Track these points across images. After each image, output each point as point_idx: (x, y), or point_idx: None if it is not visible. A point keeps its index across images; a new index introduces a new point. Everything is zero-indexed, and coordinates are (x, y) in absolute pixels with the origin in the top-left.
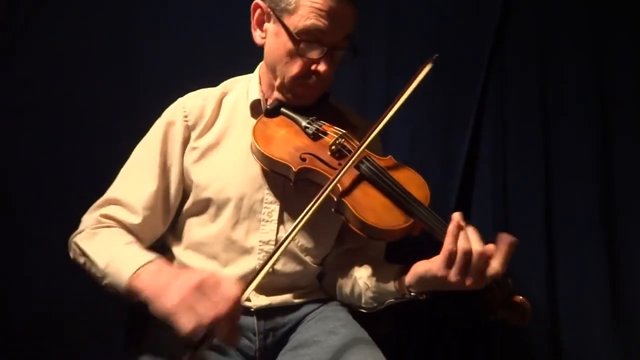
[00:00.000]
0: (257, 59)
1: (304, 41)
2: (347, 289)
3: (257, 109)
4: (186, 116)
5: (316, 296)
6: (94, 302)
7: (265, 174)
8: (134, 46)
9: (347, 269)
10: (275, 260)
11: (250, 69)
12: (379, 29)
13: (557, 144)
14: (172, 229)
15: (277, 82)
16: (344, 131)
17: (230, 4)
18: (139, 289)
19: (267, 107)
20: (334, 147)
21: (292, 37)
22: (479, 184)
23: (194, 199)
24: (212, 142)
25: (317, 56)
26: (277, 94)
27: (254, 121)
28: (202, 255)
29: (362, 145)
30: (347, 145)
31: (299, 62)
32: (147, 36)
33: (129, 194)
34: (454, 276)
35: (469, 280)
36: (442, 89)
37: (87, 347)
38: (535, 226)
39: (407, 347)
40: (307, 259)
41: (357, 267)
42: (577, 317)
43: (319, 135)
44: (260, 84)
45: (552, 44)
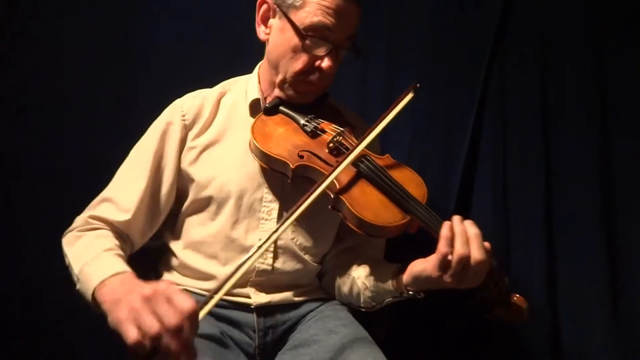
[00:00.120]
0: (256, 59)
1: (311, 37)
2: (345, 288)
3: (256, 108)
4: (184, 115)
5: (316, 295)
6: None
7: (264, 172)
8: (134, 46)
9: (345, 268)
10: (258, 256)
11: (250, 70)
12: (379, 31)
13: (557, 143)
14: (172, 229)
15: (278, 78)
16: (342, 129)
17: (230, 5)
18: (100, 300)
19: (266, 106)
20: (331, 145)
21: (299, 32)
22: (479, 184)
23: (193, 197)
24: (211, 141)
25: (323, 53)
26: (277, 92)
27: (252, 120)
28: (201, 254)
29: (360, 142)
30: (344, 143)
31: (304, 58)
32: (147, 36)
33: (121, 192)
34: (448, 278)
35: (465, 280)
36: (442, 89)
37: (86, 344)
38: (535, 226)
39: (407, 348)
40: (307, 257)
41: (355, 267)
42: (577, 317)
43: (317, 133)
44: (259, 83)
45: (552, 44)
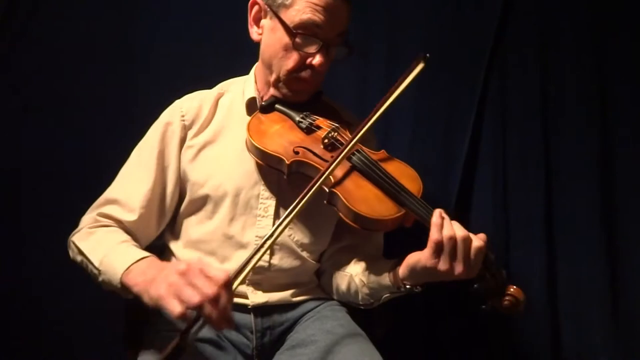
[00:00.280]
0: (256, 60)
1: (300, 35)
2: (343, 286)
3: (253, 107)
4: (183, 116)
5: (314, 295)
6: (93, 300)
7: (260, 169)
8: (135, 47)
9: (343, 266)
10: (267, 248)
11: (249, 71)
12: (379, 31)
13: (557, 143)
14: (171, 229)
15: (272, 77)
16: (337, 125)
17: (230, 5)
18: (130, 285)
19: (262, 104)
20: (326, 141)
21: (289, 30)
22: (479, 184)
23: (190, 197)
24: (208, 140)
25: (313, 50)
26: (272, 90)
27: (249, 119)
28: (200, 252)
29: (354, 137)
30: (339, 138)
31: (295, 56)
32: (147, 37)
33: (126, 193)
34: (442, 264)
35: (458, 267)
36: (442, 89)
37: (86, 344)
38: (535, 226)
39: (405, 348)
40: (305, 255)
41: (353, 264)
42: (577, 317)
43: (312, 129)
44: (255, 83)
45: (552, 44)
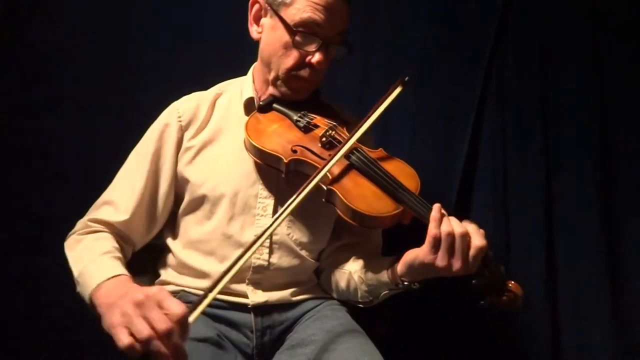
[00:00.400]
0: (255, 61)
1: (300, 33)
2: (342, 284)
3: (251, 107)
4: (180, 117)
5: (314, 294)
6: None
7: (258, 169)
8: (135, 47)
9: (342, 264)
10: (251, 254)
11: (246, 72)
12: (379, 31)
13: (557, 144)
14: (171, 229)
15: (271, 76)
16: (334, 123)
17: (230, 6)
18: (96, 304)
19: (260, 103)
20: (324, 139)
21: (289, 28)
22: (479, 184)
23: (189, 197)
24: (207, 140)
25: (313, 49)
26: (271, 89)
27: (247, 119)
28: (199, 252)
29: (352, 135)
30: (337, 136)
31: (295, 54)
32: (147, 37)
33: (120, 194)
34: (440, 260)
35: (457, 263)
36: (442, 89)
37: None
38: (535, 226)
39: (406, 348)
40: (303, 253)
41: (351, 262)
42: (577, 317)
43: (310, 127)
44: (253, 83)
45: (552, 44)
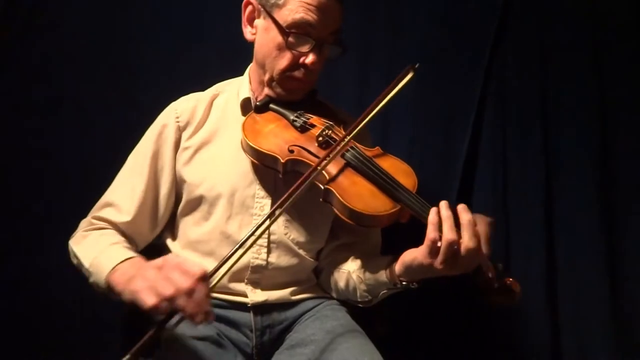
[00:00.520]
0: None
1: (293, 34)
2: (342, 284)
3: (247, 107)
4: (178, 117)
5: (313, 293)
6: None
7: (255, 169)
8: (135, 48)
9: (341, 263)
10: (252, 243)
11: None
12: (379, 31)
13: (557, 144)
14: (170, 230)
15: (266, 77)
16: (331, 123)
17: (230, 6)
18: (113, 285)
19: (257, 104)
20: (320, 139)
21: (282, 30)
22: (479, 184)
23: (187, 197)
24: (204, 141)
25: (307, 49)
26: (267, 90)
27: (244, 119)
28: (198, 253)
29: (348, 134)
30: (333, 136)
31: (288, 55)
32: (147, 38)
33: (121, 195)
34: (439, 264)
35: (455, 265)
36: (442, 89)
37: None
38: (535, 227)
39: (406, 348)
40: (302, 253)
41: (350, 261)
42: (577, 317)
43: (307, 127)
44: (250, 84)
45: (552, 44)
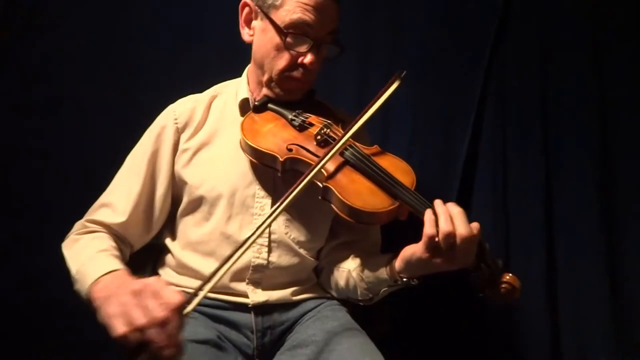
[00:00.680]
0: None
1: (291, 34)
2: (342, 282)
3: (246, 108)
4: (176, 119)
5: (314, 293)
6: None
7: (255, 169)
8: (135, 48)
9: (341, 262)
10: (251, 242)
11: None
12: (379, 31)
13: (557, 144)
14: (170, 230)
15: (265, 77)
16: (329, 121)
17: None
18: (93, 297)
19: (255, 104)
20: (319, 137)
21: (280, 30)
22: (479, 184)
23: (187, 198)
24: (203, 142)
25: (304, 49)
26: (265, 90)
27: (242, 120)
28: (198, 253)
29: (346, 132)
30: (332, 134)
31: (286, 56)
32: (147, 38)
33: (117, 196)
34: (438, 258)
35: (453, 259)
36: (442, 89)
37: (84, 350)
38: (535, 227)
39: (406, 348)
40: (302, 252)
41: (350, 260)
42: (577, 317)
43: (305, 126)
44: (248, 84)
45: (552, 44)
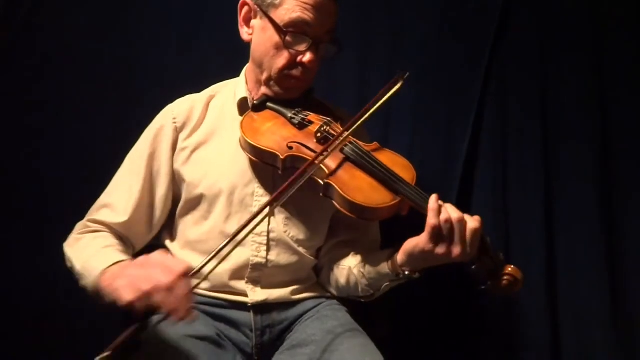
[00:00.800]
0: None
1: (291, 33)
2: (343, 280)
3: (244, 107)
4: (175, 119)
5: (314, 292)
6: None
7: (254, 167)
8: (135, 47)
9: (341, 260)
10: (244, 237)
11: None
12: (379, 31)
13: (557, 144)
14: (169, 231)
15: (264, 76)
16: (329, 119)
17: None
18: (102, 287)
19: (254, 102)
20: (319, 135)
21: (279, 29)
22: (479, 184)
23: (186, 197)
24: (201, 140)
25: (304, 48)
26: (264, 89)
27: (241, 119)
28: (197, 252)
29: (346, 128)
30: (332, 132)
31: (286, 54)
32: (147, 38)
33: (117, 196)
34: (440, 248)
35: (456, 249)
36: (442, 88)
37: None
38: (535, 227)
39: (406, 348)
40: (301, 250)
41: (351, 257)
42: (577, 317)
43: (305, 124)
44: (246, 84)
45: (552, 44)
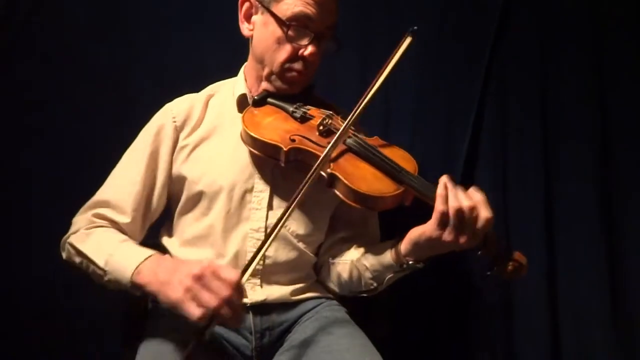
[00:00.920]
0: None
1: (293, 27)
2: (345, 275)
3: (243, 104)
4: (174, 118)
5: (314, 292)
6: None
7: (254, 163)
8: (135, 47)
9: (343, 255)
10: (271, 240)
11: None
12: (379, 31)
13: (557, 144)
14: (167, 229)
15: (265, 71)
16: (330, 112)
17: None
18: (142, 284)
19: (255, 98)
20: (321, 127)
21: (282, 22)
22: (479, 184)
23: (187, 194)
24: (202, 138)
25: (305, 42)
26: (265, 84)
27: (240, 116)
28: (197, 248)
29: (349, 119)
30: (334, 124)
31: (287, 48)
32: (147, 38)
33: (117, 195)
34: (448, 235)
35: (464, 236)
36: (442, 88)
37: (84, 341)
38: (535, 226)
39: (406, 348)
40: (301, 246)
41: (352, 252)
42: (577, 317)
43: (306, 117)
44: (245, 81)
45: (552, 44)
